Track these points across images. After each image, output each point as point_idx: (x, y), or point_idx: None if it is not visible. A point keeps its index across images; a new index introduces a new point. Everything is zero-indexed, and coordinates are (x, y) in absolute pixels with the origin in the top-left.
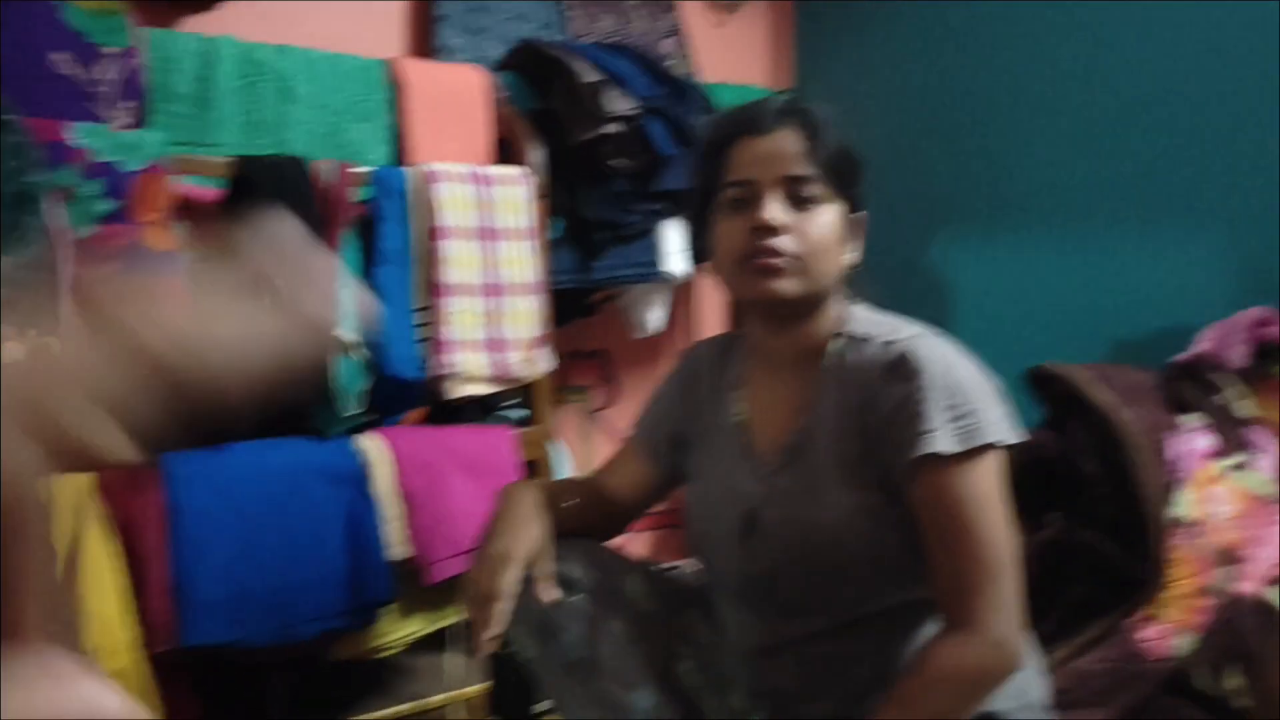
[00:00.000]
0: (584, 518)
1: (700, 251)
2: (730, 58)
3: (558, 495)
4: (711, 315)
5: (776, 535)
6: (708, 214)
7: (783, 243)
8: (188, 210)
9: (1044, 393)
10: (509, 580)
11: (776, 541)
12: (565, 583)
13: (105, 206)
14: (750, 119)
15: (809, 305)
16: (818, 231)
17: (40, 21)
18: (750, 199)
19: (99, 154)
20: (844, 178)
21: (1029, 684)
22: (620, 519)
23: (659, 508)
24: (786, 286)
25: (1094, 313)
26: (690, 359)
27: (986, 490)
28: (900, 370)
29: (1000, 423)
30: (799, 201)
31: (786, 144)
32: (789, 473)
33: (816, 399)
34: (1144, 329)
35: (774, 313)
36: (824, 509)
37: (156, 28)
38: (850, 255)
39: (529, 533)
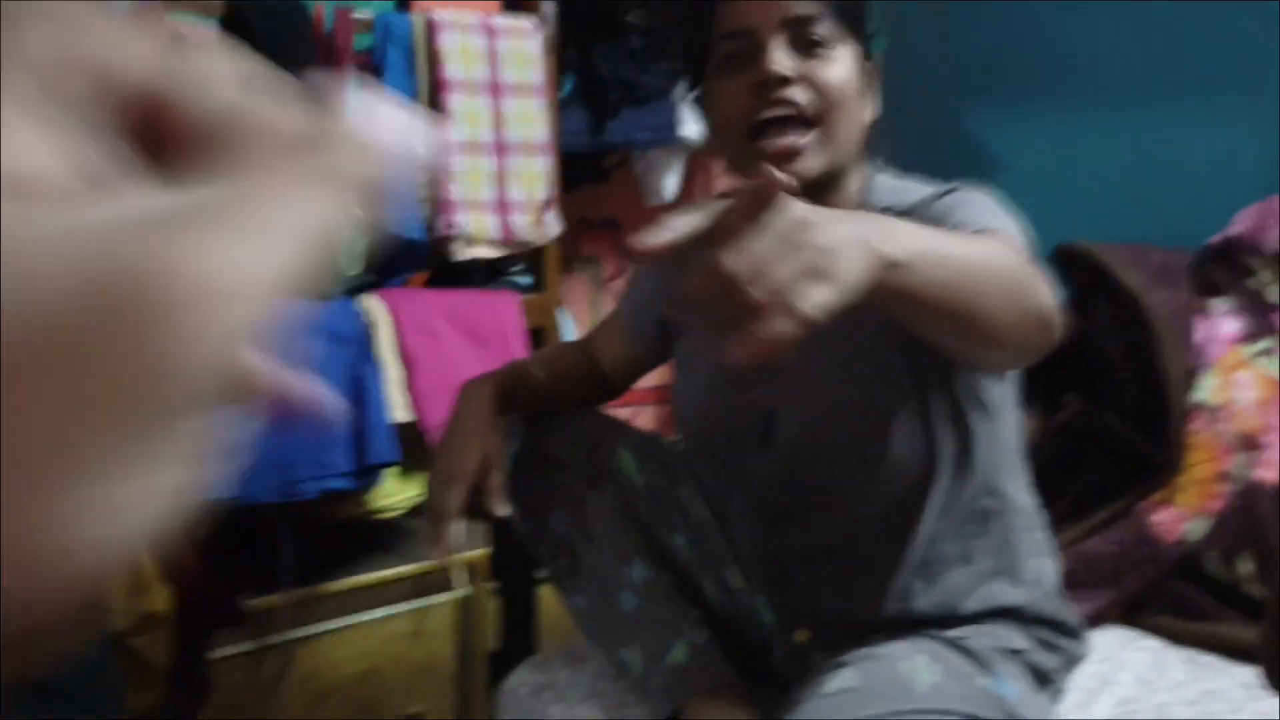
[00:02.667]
0: (568, 390)
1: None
2: None
3: (524, 381)
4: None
5: (799, 436)
6: (703, 77)
7: (795, 95)
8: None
9: (1071, 271)
10: (453, 499)
11: (800, 442)
12: (552, 459)
13: None
14: None
15: (827, 182)
16: (835, 79)
17: None
18: (750, 51)
19: None
20: (855, 15)
21: (1043, 571)
22: (610, 389)
23: (658, 379)
24: (810, 167)
25: (1128, 190)
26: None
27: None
28: (928, 216)
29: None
30: (807, 46)
31: None
32: (804, 368)
33: None
34: (1179, 208)
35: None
36: (848, 403)
37: None
38: (870, 110)
39: (477, 444)
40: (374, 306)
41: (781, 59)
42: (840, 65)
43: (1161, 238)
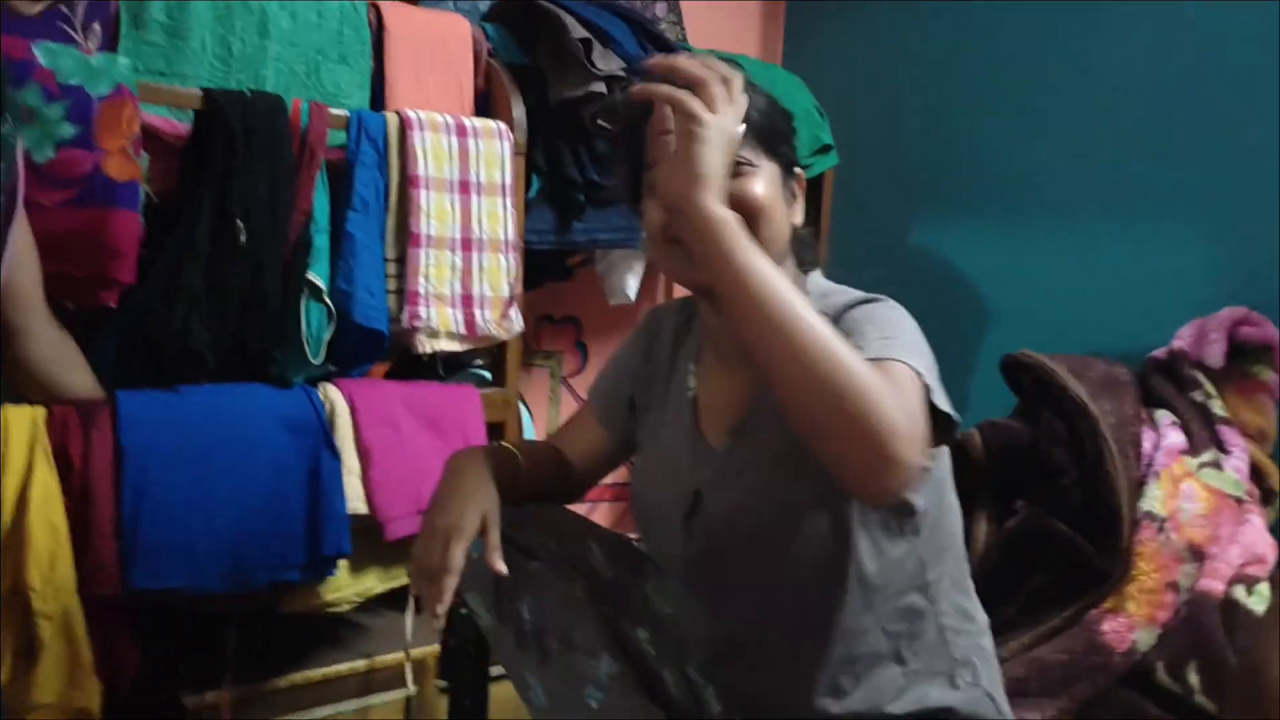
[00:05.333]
0: (540, 482)
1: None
2: (722, 27)
3: (508, 461)
4: None
5: (719, 519)
6: (639, 196)
7: None
8: (154, 142)
9: (1019, 381)
10: (456, 554)
11: (719, 525)
12: (522, 550)
13: (68, 131)
14: None
15: None
16: (754, 198)
17: None
18: None
19: (65, 76)
20: (774, 136)
21: (980, 673)
22: (577, 485)
23: (618, 478)
24: None
25: (1073, 304)
26: (652, 322)
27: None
28: (840, 326)
29: (926, 368)
30: (729, 169)
31: None
32: (736, 455)
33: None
34: (1122, 323)
35: (713, 293)
36: (768, 494)
37: None
38: (795, 218)
39: (477, 503)
40: (334, 396)
41: None
42: (759, 182)
43: (1105, 350)
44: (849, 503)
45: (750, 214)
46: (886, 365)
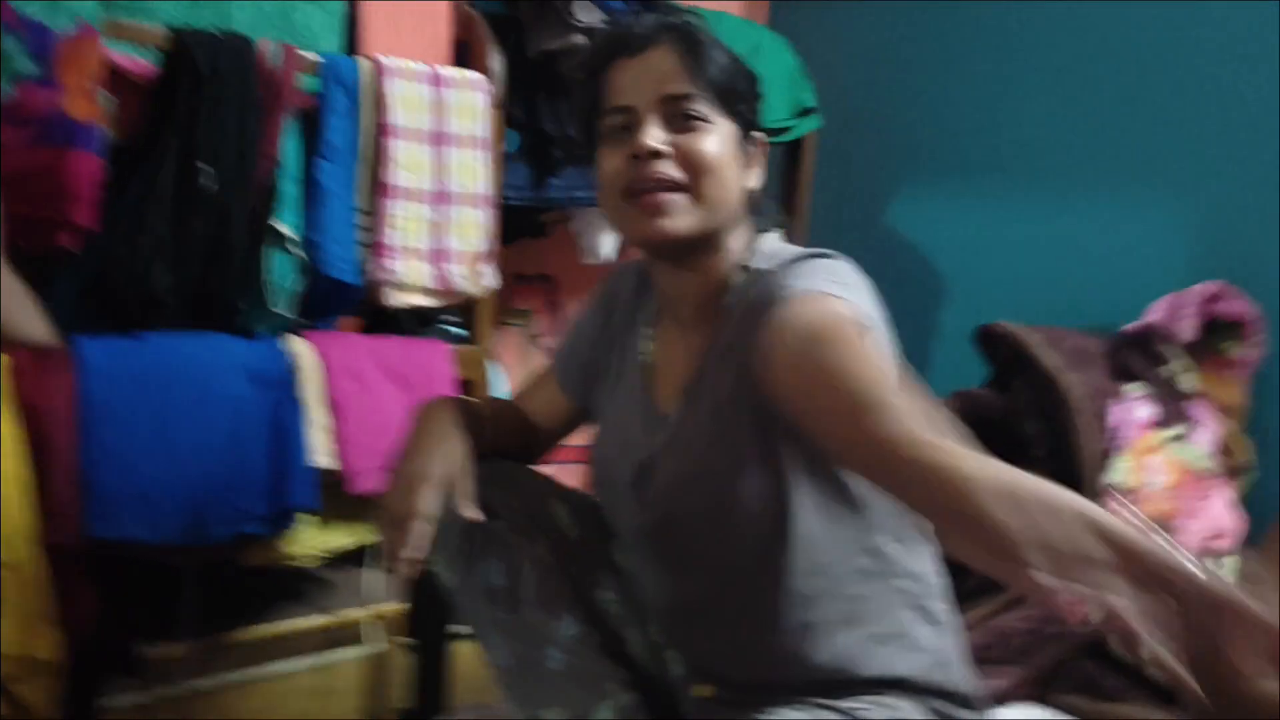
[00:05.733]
0: (503, 439)
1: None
2: None
3: (473, 414)
4: None
5: (669, 485)
6: (595, 145)
7: (665, 168)
8: (118, 81)
9: (991, 351)
10: (426, 500)
11: (665, 493)
12: (486, 508)
13: (27, 67)
14: (623, 39)
15: (705, 242)
16: (704, 154)
17: None
18: (630, 126)
19: (25, 10)
20: (732, 95)
21: (940, 641)
22: (539, 445)
23: (580, 439)
24: (675, 224)
25: (1048, 275)
26: (611, 283)
27: (845, 332)
28: (776, 293)
29: (870, 311)
30: (681, 122)
31: (664, 62)
32: (683, 422)
33: (714, 341)
34: (1097, 295)
35: (665, 252)
36: (710, 458)
37: None
38: (750, 181)
39: (448, 451)
40: (301, 349)
41: (654, 134)
42: (711, 139)
43: (1078, 322)
44: (788, 462)
45: (696, 170)
46: (818, 298)
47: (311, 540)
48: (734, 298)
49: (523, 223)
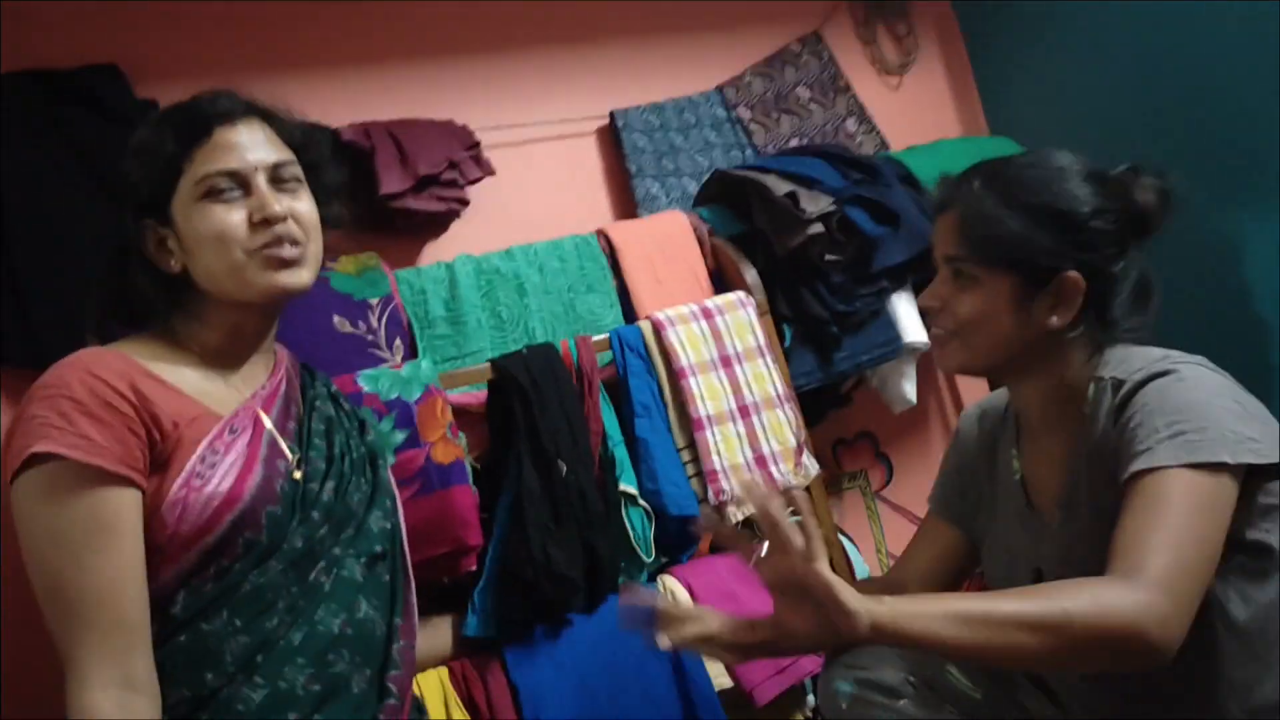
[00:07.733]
0: None
1: None
2: (916, 117)
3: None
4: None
5: None
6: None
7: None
8: (463, 417)
9: None
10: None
11: None
12: (886, 690)
13: (400, 436)
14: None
15: (1005, 369)
16: (953, 316)
17: (318, 295)
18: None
19: (386, 394)
20: (992, 245)
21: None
22: None
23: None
24: (945, 364)
25: None
26: (960, 426)
27: (1199, 501)
28: (1123, 406)
29: (1240, 441)
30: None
31: (944, 226)
32: (1066, 527)
33: (1079, 448)
34: None
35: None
36: (1100, 560)
37: (403, 267)
38: (1043, 323)
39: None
40: (672, 585)
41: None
42: (968, 299)
43: None
44: None
45: (953, 329)
46: (1159, 478)
47: None
48: (1091, 405)
49: (825, 399)
